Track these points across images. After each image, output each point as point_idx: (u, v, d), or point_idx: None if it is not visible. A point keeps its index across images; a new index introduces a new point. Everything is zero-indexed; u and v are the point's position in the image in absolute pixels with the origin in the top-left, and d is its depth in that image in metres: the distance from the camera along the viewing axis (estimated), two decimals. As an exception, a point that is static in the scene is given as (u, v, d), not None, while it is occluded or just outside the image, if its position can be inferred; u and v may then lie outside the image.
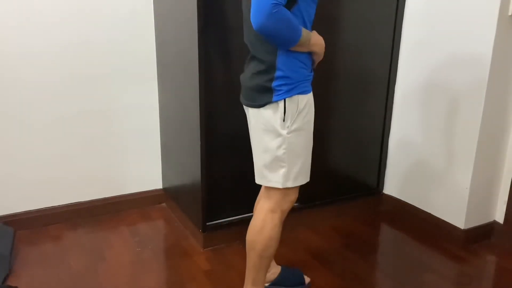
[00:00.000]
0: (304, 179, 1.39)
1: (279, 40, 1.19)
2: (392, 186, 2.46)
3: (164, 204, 2.51)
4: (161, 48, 2.23)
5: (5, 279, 1.73)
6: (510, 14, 1.82)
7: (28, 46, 2.01)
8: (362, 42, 2.18)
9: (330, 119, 2.20)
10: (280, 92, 1.26)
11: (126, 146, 2.35)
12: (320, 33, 1.34)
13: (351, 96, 2.25)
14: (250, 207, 1.75)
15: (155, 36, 2.27)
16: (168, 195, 2.46)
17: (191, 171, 2.02)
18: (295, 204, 2.17)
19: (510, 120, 2.04)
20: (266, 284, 1.65)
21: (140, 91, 2.31)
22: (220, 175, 1.98)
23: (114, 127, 2.29)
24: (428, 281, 1.80)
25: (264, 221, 1.38)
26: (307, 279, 1.73)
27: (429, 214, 2.22)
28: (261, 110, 1.30)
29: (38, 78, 2.06)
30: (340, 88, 2.18)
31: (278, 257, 1.94)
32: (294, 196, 1.41)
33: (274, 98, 1.27)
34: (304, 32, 1.22)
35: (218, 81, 1.87)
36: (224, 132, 1.93)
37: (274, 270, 1.66)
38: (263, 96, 1.29)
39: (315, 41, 1.28)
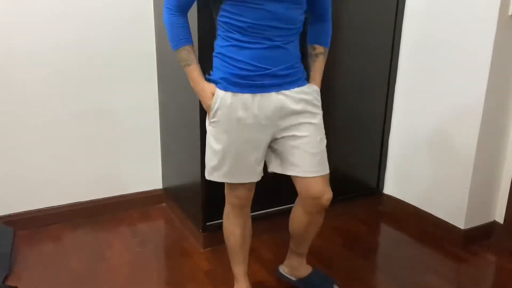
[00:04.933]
0: (218, 177, 1.41)
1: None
2: (392, 186, 2.46)
3: (164, 204, 2.51)
4: (161, 48, 2.23)
5: (5, 279, 1.74)
6: (510, 14, 1.82)
7: (27, 47, 2.01)
8: (362, 42, 2.18)
9: (330, 119, 2.20)
10: None
11: (126, 146, 2.35)
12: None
13: (351, 96, 2.25)
14: (250, 207, 1.75)
15: (155, 36, 2.27)
16: (168, 195, 2.46)
17: (191, 171, 2.02)
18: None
19: (510, 120, 2.04)
20: (294, 279, 1.68)
21: (140, 91, 2.31)
22: (220, 175, 1.97)
23: (114, 127, 2.29)
24: (428, 281, 1.80)
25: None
26: None
27: (429, 214, 2.22)
28: None
29: (38, 78, 2.06)
30: (340, 88, 2.18)
31: (278, 258, 1.94)
32: (237, 191, 1.45)
33: None
34: (182, 55, 1.33)
35: (218, 81, 1.87)
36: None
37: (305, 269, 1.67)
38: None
39: (193, 82, 1.36)
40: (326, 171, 1.42)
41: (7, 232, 1.94)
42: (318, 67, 1.47)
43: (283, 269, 1.72)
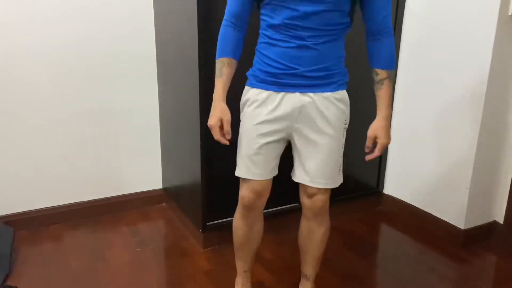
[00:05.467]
0: (239, 172, 1.40)
1: None
2: (392, 186, 2.46)
3: (164, 204, 2.51)
4: (161, 48, 2.23)
5: (5, 279, 1.74)
6: (510, 14, 1.82)
7: (28, 46, 2.01)
8: (361, 42, 2.17)
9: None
10: None
11: (126, 146, 2.35)
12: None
13: (351, 96, 2.24)
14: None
15: (155, 36, 2.27)
16: (168, 195, 2.46)
17: (191, 171, 2.02)
18: (295, 204, 2.18)
19: (510, 120, 2.04)
20: None
21: (140, 91, 2.31)
22: (220, 175, 1.98)
23: (114, 127, 2.29)
24: (428, 281, 1.80)
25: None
26: None
27: (429, 214, 2.22)
28: None
29: (38, 77, 2.06)
30: (340, 88, 2.18)
31: (278, 258, 1.94)
32: (242, 190, 1.43)
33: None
34: (217, 66, 1.35)
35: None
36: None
37: None
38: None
39: (214, 93, 1.36)
40: (330, 185, 1.39)
41: (7, 232, 1.94)
42: (384, 96, 1.41)
43: None
